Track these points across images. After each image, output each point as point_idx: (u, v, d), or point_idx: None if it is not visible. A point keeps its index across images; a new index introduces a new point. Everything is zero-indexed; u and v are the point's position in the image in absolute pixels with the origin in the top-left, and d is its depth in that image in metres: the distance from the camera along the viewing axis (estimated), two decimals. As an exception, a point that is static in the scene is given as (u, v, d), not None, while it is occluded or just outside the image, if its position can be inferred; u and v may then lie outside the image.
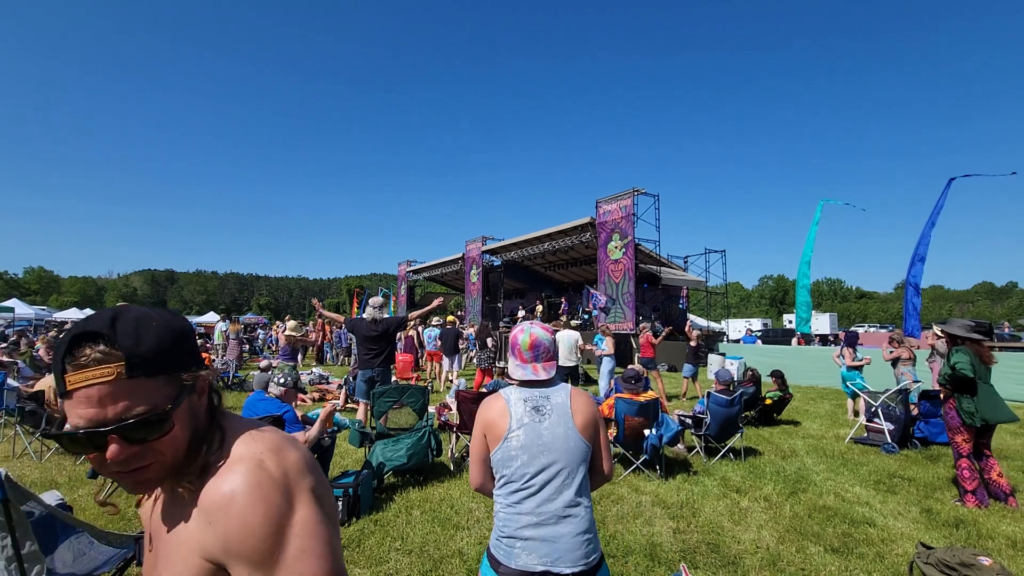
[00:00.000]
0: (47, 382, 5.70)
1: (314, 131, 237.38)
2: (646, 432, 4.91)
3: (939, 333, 5.43)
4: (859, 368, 7.89)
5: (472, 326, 16.97)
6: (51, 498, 2.66)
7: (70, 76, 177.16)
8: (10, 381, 6.48)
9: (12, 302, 29.01)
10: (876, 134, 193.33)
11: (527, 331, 1.81)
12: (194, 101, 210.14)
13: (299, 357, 8.71)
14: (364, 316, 6.04)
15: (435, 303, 6.79)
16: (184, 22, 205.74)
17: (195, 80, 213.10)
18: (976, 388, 4.20)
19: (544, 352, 1.78)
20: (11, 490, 2.06)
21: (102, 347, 0.70)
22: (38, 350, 12.18)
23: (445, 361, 11.00)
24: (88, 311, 39.74)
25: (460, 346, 11.22)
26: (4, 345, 14.35)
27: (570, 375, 8.38)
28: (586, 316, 18.94)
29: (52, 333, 18.21)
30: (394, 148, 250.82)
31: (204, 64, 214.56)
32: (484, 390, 5.29)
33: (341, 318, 6.66)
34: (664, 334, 10.03)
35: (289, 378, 4.35)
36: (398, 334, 7.88)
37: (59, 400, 0.73)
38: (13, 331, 20.07)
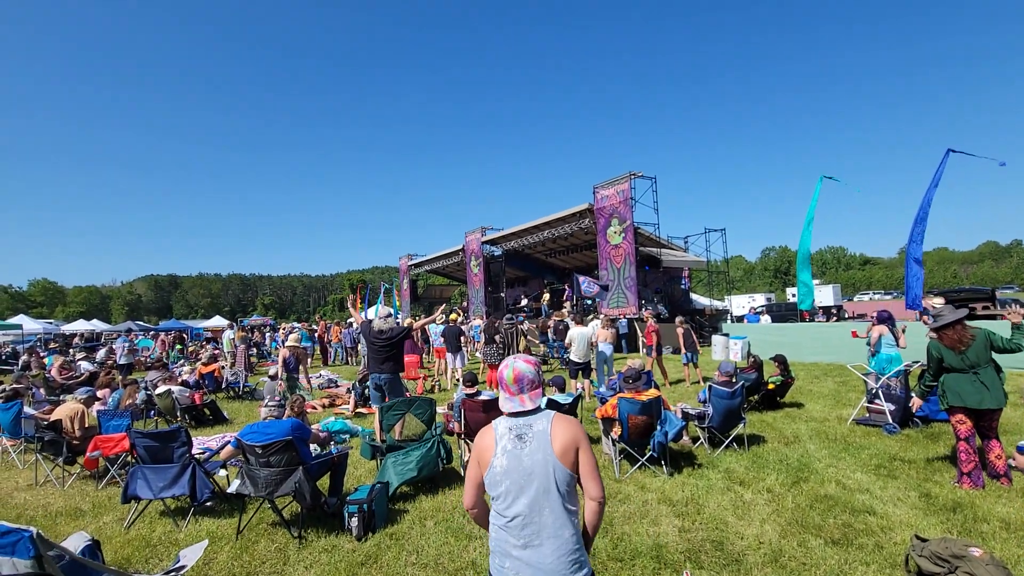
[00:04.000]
0: (63, 410, 5.84)
1: (310, 127, 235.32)
2: (655, 427, 5.02)
3: (931, 307, 5.51)
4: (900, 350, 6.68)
5: (479, 318, 17.10)
6: (80, 540, 2.77)
7: (60, 86, 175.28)
8: (27, 409, 6.63)
9: (20, 318, 29.38)
10: (875, 96, 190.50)
11: (510, 366, 1.90)
12: (187, 101, 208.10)
13: (301, 367, 9.00)
14: (370, 322, 6.18)
15: (438, 311, 7.17)
16: (179, 20, 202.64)
17: (188, 80, 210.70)
18: (941, 374, 4.51)
19: (529, 383, 1.88)
20: (41, 545, 2.17)
21: None
22: (49, 368, 12.38)
23: (448, 357, 11.15)
24: (95, 322, 39.99)
25: (462, 343, 11.38)
26: (17, 366, 14.58)
27: (582, 370, 8.52)
28: (588, 303, 19.02)
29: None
30: (390, 142, 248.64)
31: (198, 64, 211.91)
32: (486, 397, 5.39)
33: (361, 318, 6.76)
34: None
35: (281, 405, 4.49)
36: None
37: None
38: (24, 348, 20.35)
